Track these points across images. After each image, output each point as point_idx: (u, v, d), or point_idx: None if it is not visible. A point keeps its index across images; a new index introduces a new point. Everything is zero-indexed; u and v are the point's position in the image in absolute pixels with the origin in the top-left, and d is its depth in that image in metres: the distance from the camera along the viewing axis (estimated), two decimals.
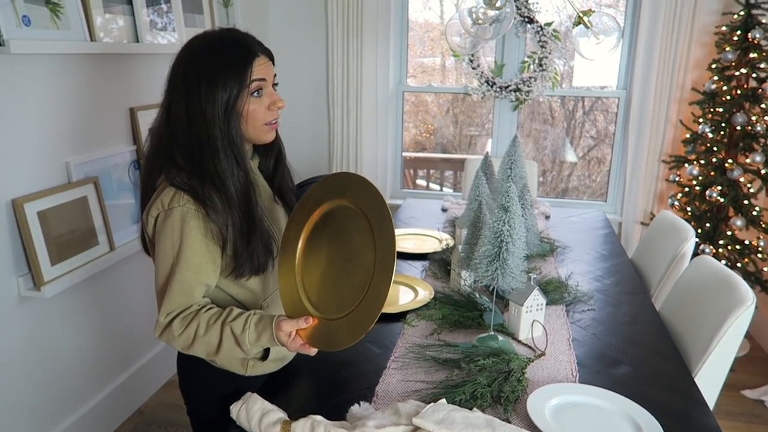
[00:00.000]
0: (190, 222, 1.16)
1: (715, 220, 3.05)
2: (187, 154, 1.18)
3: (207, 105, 1.15)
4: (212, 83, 1.15)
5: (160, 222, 1.18)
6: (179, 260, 1.17)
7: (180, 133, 1.18)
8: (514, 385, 1.32)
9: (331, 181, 1.27)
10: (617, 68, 3.55)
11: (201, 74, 1.16)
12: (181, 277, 1.18)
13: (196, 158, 1.18)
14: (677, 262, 2.03)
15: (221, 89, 1.16)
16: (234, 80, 1.16)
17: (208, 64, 1.16)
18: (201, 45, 1.20)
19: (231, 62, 1.17)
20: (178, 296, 1.19)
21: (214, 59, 1.17)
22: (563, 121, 5.34)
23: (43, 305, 2.05)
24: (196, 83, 1.16)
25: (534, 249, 2.06)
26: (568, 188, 5.48)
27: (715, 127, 3.01)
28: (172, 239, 1.17)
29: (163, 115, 1.21)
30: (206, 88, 1.15)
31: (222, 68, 1.16)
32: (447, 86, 4.32)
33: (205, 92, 1.15)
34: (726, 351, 1.51)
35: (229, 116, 1.17)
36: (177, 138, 1.19)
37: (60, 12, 1.97)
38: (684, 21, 3.14)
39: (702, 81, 3.15)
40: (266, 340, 1.18)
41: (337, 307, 1.19)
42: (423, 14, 4.20)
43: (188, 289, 1.19)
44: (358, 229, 1.19)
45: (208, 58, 1.17)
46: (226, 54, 1.17)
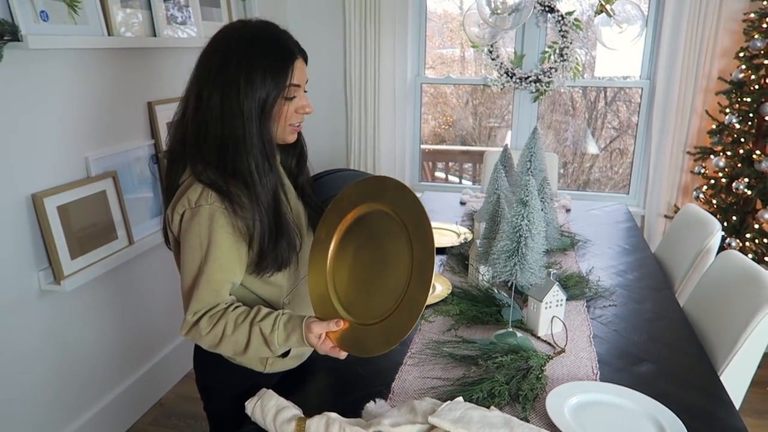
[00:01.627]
0: (218, 220, 1.14)
1: (742, 213, 2.97)
2: (218, 148, 1.15)
3: (245, 101, 1.12)
4: (252, 80, 1.12)
5: (186, 219, 1.16)
6: (207, 259, 1.15)
7: (212, 126, 1.15)
8: (533, 383, 1.29)
9: (368, 185, 1.23)
10: (641, 57, 3.46)
11: (240, 68, 1.12)
12: (210, 276, 1.16)
13: (229, 154, 1.15)
14: (702, 256, 1.98)
15: (260, 87, 1.13)
16: (273, 80, 1.14)
17: (249, 59, 1.12)
18: (241, 37, 1.16)
19: (273, 62, 1.14)
20: (206, 295, 1.17)
21: (256, 55, 1.13)
22: (585, 112, 5.25)
23: (64, 299, 2.07)
24: (235, 77, 1.12)
25: (554, 243, 2.02)
26: (590, 180, 5.40)
27: (743, 118, 2.92)
28: (199, 238, 1.15)
29: (191, 104, 1.17)
30: (245, 84, 1.12)
31: (263, 66, 1.13)
32: (466, 77, 4.27)
33: (244, 88, 1.12)
34: (754, 348, 1.46)
35: (265, 115, 1.15)
36: (208, 130, 1.15)
37: (77, 7, 1.97)
38: (711, 8, 3.05)
39: (729, 70, 3.06)
40: (295, 340, 1.16)
41: (369, 312, 1.16)
42: (442, 4, 4.15)
43: (216, 288, 1.18)
44: (394, 235, 1.15)
45: (249, 52, 1.13)
46: (268, 52, 1.14)
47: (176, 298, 2.69)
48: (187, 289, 1.19)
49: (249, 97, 1.12)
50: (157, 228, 2.47)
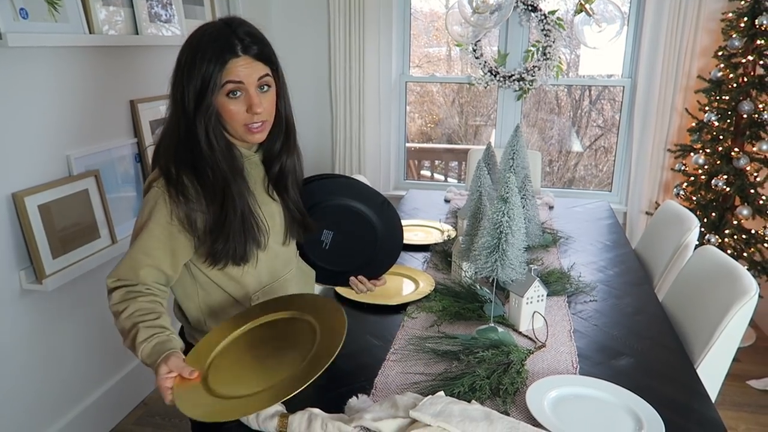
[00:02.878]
0: (159, 205, 1.21)
1: (721, 210, 3.02)
2: (172, 139, 1.23)
3: (186, 94, 1.19)
4: (191, 75, 1.18)
5: (143, 197, 1.25)
6: (138, 238, 1.23)
7: (169, 118, 1.25)
8: (513, 377, 1.31)
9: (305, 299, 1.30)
10: (622, 56, 3.51)
11: (185, 64, 1.19)
12: (133, 253, 1.23)
13: (179, 145, 1.22)
14: (681, 252, 2.01)
15: (195, 82, 1.18)
16: (207, 75, 1.17)
17: (190, 55, 1.19)
18: (192, 35, 1.22)
19: (207, 57, 1.17)
20: (124, 269, 1.24)
21: (197, 51, 1.18)
22: (569, 110, 5.29)
23: (45, 298, 2.05)
24: (180, 72, 1.20)
25: (535, 240, 2.05)
26: (575, 178, 5.44)
27: (722, 116, 2.97)
28: (141, 215, 1.24)
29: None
30: (186, 79, 1.19)
31: (198, 62, 1.17)
32: (450, 76, 4.29)
33: (186, 82, 1.19)
34: (729, 342, 1.49)
35: (204, 109, 1.19)
36: (167, 122, 1.25)
37: (58, 4, 1.96)
38: (690, 7, 3.10)
39: (708, 69, 3.11)
40: (152, 362, 1.14)
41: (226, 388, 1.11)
42: (428, 3, 4.17)
43: (134, 266, 1.23)
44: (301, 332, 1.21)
45: (191, 49, 1.19)
46: (205, 48, 1.18)
47: None
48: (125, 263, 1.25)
49: (188, 90, 1.19)
50: None
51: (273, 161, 1.38)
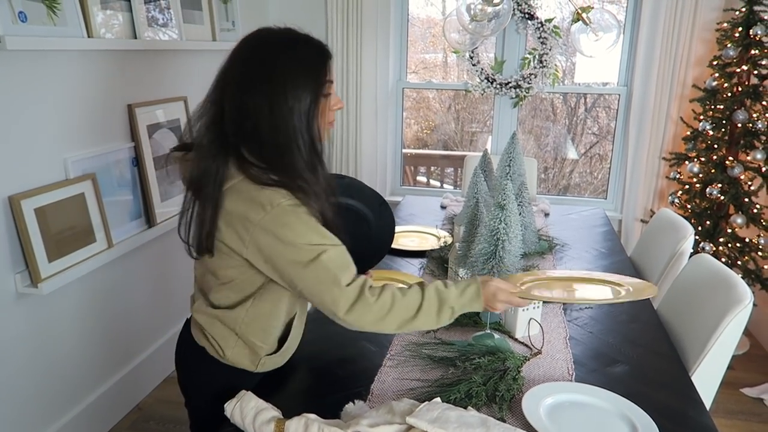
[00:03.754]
0: (301, 209, 1.17)
1: (715, 218, 3.04)
2: (273, 151, 1.17)
3: (294, 104, 1.15)
4: (297, 83, 1.16)
5: (271, 220, 1.14)
6: (321, 240, 1.17)
7: (265, 132, 1.16)
8: (509, 384, 1.31)
9: None
10: (618, 65, 3.53)
11: (285, 73, 1.16)
12: (332, 254, 1.18)
13: (285, 156, 1.17)
14: (676, 260, 2.02)
15: (304, 89, 1.16)
16: (315, 80, 1.18)
17: (292, 63, 1.17)
18: (278, 41, 1.20)
19: (312, 62, 1.19)
20: (343, 269, 1.18)
21: (297, 58, 1.18)
22: (565, 117, 5.32)
23: (41, 302, 2.05)
24: (281, 82, 1.15)
25: (532, 247, 2.05)
26: (570, 185, 5.47)
27: (716, 125, 2.99)
28: (297, 230, 1.15)
29: (233, 113, 1.17)
30: (292, 88, 1.15)
31: (305, 68, 1.18)
32: (447, 83, 4.30)
33: (292, 91, 1.15)
34: (723, 350, 1.50)
35: (312, 115, 1.18)
36: (261, 136, 1.17)
37: (57, 8, 1.96)
38: (685, 17, 3.13)
39: (703, 78, 3.14)
40: (472, 292, 1.24)
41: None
42: (425, 10, 4.19)
43: (346, 261, 1.20)
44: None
45: (290, 56, 1.17)
46: (306, 53, 1.19)
47: (155, 301, 2.69)
48: (312, 281, 1.17)
49: (296, 99, 1.16)
50: (137, 230, 2.45)
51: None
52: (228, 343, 1.30)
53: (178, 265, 2.86)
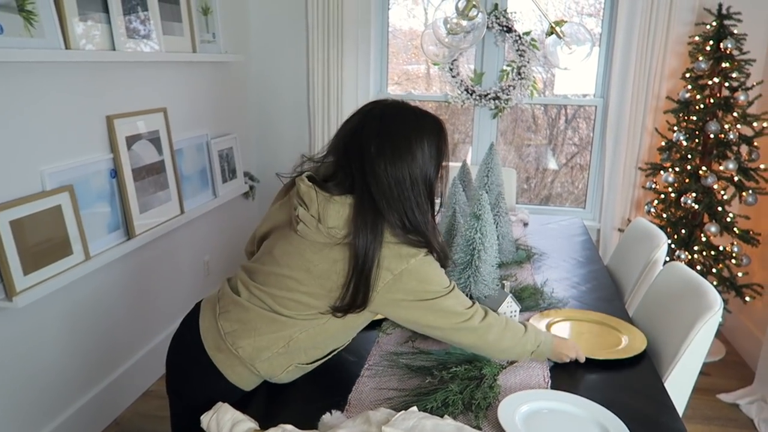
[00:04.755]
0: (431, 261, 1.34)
1: (690, 227, 3.10)
2: (410, 213, 1.31)
3: (430, 175, 1.34)
4: (438, 160, 1.35)
5: (413, 270, 1.30)
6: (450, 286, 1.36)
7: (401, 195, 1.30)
8: (485, 392, 1.33)
9: None
10: (594, 77, 3.60)
11: (431, 151, 1.33)
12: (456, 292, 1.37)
13: (417, 217, 1.32)
14: (650, 268, 2.06)
15: (437, 165, 1.35)
16: (441, 150, 1.36)
17: (437, 143, 1.34)
18: (408, 114, 1.36)
19: (444, 144, 1.37)
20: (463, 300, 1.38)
21: (439, 140, 1.35)
22: (546, 128, 5.39)
23: (16, 315, 2.02)
24: (414, 151, 1.31)
25: (509, 256, 2.07)
26: (552, 195, 5.53)
27: (690, 135, 3.06)
28: (435, 276, 1.34)
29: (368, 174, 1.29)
30: (433, 163, 1.34)
31: (442, 148, 1.36)
32: (427, 94, 4.34)
33: (433, 166, 1.34)
34: (695, 356, 1.53)
35: (435, 184, 1.37)
36: (395, 199, 1.30)
37: (34, 20, 1.96)
38: (659, 31, 3.20)
39: (677, 90, 3.21)
40: (547, 343, 1.46)
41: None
42: (407, 22, 4.23)
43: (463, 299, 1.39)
44: None
45: (434, 137, 1.35)
46: (432, 126, 1.36)
47: (133, 313, 2.66)
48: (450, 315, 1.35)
49: (425, 167, 1.32)
50: (116, 242, 2.43)
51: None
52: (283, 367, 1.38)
53: (156, 277, 2.84)
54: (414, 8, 4.13)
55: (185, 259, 3.10)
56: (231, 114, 3.54)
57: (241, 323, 1.34)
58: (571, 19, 3.90)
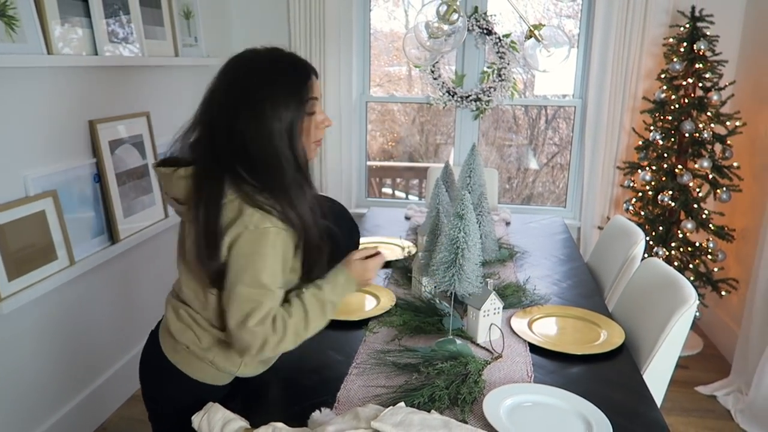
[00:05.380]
0: (279, 237, 1.21)
1: (667, 224, 3.17)
2: (260, 170, 1.21)
3: (276, 123, 1.20)
4: (278, 102, 1.20)
5: (247, 240, 1.19)
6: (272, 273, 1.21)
7: (253, 151, 1.20)
8: (471, 387, 1.36)
9: None
10: (573, 78, 3.67)
11: (267, 92, 1.20)
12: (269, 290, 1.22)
13: (270, 174, 1.21)
14: (628, 264, 2.11)
15: (287, 108, 1.21)
16: (297, 99, 1.22)
17: (274, 82, 1.21)
18: (260, 63, 1.24)
19: (294, 81, 1.23)
20: (269, 302, 1.22)
21: (279, 78, 1.22)
22: (527, 128, 5.46)
23: (0, 322, 2.01)
24: (262, 101, 1.19)
25: (492, 255, 2.11)
26: (534, 194, 5.60)
27: (665, 135, 3.13)
28: (266, 255, 1.20)
29: (222, 132, 1.21)
30: (273, 107, 1.19)
31: (287, 87, 1.22)
32: (410, 96, 4.38)
33: (274, 110, 1.19)
34: (672, 348, 1.58)
35: (295, 134, 1.22)
36: (248, 154, 1.21)
37: (15, 25, 1.95)
38: (635, 33, 3.27)
39: (653, 90, 3.28)
40: (343, 278, 1.34)
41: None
42: (389, 24, 4.27)
43: (277, 298, 1.24)
44: None
45: (272, 77, 1.21)
46: (287, 72, 1.23)
47: (119, 318, 2.65)
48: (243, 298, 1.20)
49: (279, 118, 1.20)
50: (100, 247, 2.43)
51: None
52: (237, 362, 1.35)
53: (142, 281, 2.83)
54: (395, 10, 4.17)
55: (170, 262, 3.08)
56: None
57: (182, 320, 1.34)
58: (550, 20, 3.97)
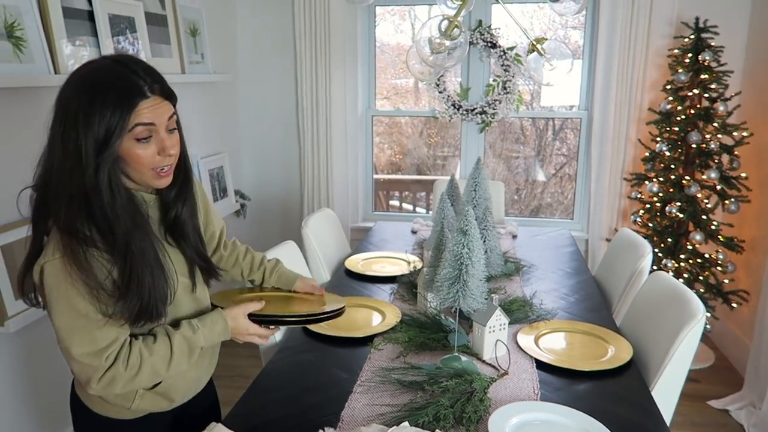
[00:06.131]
0: (71, 270, 1.06)
1: (676, 235, 3.15)
2: (67, 195, 1.07)
3: (84, 143, 1.05)
4: (90, 121, 1.04)
5: (49, 273, 1.09)
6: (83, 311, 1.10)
7: (58, 172, 1.08)
8: (476, 405, 1.35)
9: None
10: (578, 90, 3.66)
11: (80, 107, 1.05)
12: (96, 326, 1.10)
13: (73, 202, 1.07)
14: (635, 278, 2.09)
15: (98, 127, 1.05)
16: (113, 120, 1.05)
17: (88, 98, 1.05)
18: (85, 75, 1.09)
19: (113, 100, 1.05)
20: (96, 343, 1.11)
21: (95, 94, 1.05)
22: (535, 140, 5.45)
23: (7, 340, 2.02)
24: (72, 119, 1.05)
25: (497, 269, 2.10)
26: (542, 206, 5.58)
27: (672, 146, 3.11)
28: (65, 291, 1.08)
29: (45, 149, 1.12)
30: (84, 125, 1.05)
31: (100, 106, 1.05)
32: (415, 109, 4.40)
33: (83, 129, 1.05)
34: (681, 363, 1.56)
35: (105, 157, 1.06)
36: (53, 176, 1.09)
37: (23, 46, 1.98)
38: (639, 44, 3.27)
39: (658, 101, 3.27)
40: (220, 329, 1.24)
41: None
42: (395, 37, 4.29)
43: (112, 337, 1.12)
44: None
45: (88, 92, 1.06)
46: (109, 90, 1.06)
47: None
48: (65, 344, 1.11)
49: (86, 139, 1.05)
50: None
51: (169, 208, 1.25)
52: (130, 396, 1.24)
53: None
54: (401, 23, 4.20)
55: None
56: (221, 133, 3.57)
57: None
58: (555, 32, 3.98)
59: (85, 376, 1.13)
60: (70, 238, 1.07)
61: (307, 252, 2.41)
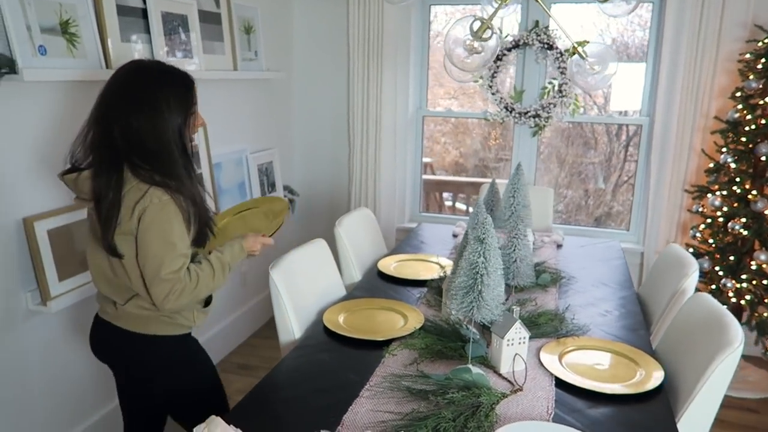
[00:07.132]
0: (173, 209, 1.46)
1: (738, 254, 2.93)
2: (156, 158, 1.47)
3: (170, 121, 1.49)
4: (170, 105, 1.49)
5: (151, 213, 1.43)
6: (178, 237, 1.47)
7: (149, 143, 1.47)
8: (480, 421, 1.30)
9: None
10: (640, 95, 3.48)
11: (160, 97, 1.48)
12: (181, 250, 1.49)
13: (165, 162, 1.48)
14: (678, 297, 1.96)
15: (177, 109, 1.51)
16: (186, 102, 1.53)
17: (167, 89, 1.50)
18: (152, 73, 1.52)
19: (183, 88, 1.54)
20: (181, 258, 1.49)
21: (170, 85, 1.51)
22: (606, 145, 5.24)
23: (49, 320, 2.13)
24: (158, 104, 1.47)
25: (527, 280, 2.01)
26: (611, 214, 5.36)
27: (739, 157, 2.90)
28: (167, 224, 1.45)
29: (119, 128, 1.46)
30: (167, 109, 1.48)
31: (177, 93, 1.51)
32: (466, 111, 4.32)
33: (168, 111, 1.48)
34: (713, 394, 1.44)
35: (183, 129, 1.53)
36: (145, 146, 1.46)
37: (77, 41, 2.08)
38: (708, 48, 3.06)
39: (726, 109, 3.06)
40: (238, 247, 1.65)
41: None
42: None
43: (186, 255, 1.52)
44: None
45: (163, 84, 1.50)
46: (178, 81, 1.54)
47: None
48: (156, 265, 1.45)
49: (172, 118, 1.49)
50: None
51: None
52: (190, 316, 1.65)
53: None
54: None
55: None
56: (272, 129, 3.64)
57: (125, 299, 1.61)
58: (621, 33, 3.79)
59: (167, 291, 1.46)
60: (166, 186, 1.46)
61: (339, 251, 2.41)
